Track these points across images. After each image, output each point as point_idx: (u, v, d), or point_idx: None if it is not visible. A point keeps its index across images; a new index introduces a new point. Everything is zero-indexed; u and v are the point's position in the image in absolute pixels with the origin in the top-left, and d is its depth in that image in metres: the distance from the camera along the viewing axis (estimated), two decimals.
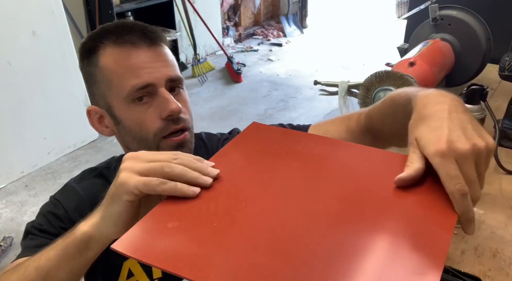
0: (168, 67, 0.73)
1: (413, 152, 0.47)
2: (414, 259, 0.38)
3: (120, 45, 0.71)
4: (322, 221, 0.42)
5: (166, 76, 0.71)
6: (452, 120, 0.46)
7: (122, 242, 0.41)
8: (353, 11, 6.50)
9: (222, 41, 4.70)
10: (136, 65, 0.70)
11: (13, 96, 2.48)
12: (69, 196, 0.77)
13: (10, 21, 2.38)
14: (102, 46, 0.72)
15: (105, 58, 0.71)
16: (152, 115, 0.70)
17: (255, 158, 0.53)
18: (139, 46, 0.71)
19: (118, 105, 0.72)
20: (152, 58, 0.71)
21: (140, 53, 0.70)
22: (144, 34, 0.72)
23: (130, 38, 0.71)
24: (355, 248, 0.39)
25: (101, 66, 0.71)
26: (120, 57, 0.71)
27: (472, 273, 0.78)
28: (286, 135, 0.59)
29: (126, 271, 0.78)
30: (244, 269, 0.37)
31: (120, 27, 0.73)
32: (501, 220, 0.93)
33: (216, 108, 3.57)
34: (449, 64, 1.39)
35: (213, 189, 0.48)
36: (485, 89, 0.90)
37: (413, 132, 0.48)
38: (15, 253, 2.04)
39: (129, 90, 0.69)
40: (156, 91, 0.70)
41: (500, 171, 1.08)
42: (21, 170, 2.64)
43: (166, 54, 0.74)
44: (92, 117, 0.77)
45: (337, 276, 0.36)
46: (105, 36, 0.72)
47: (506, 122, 1.21)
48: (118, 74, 0.70)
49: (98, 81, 0.73)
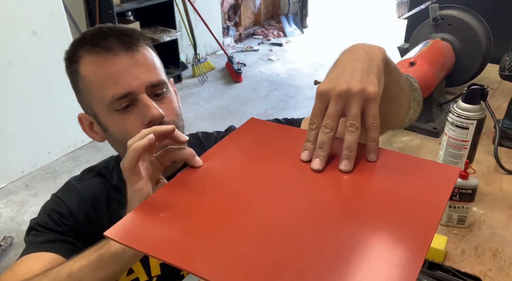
0: (148, 72, 0.71)
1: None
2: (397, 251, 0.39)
3: (96, 52, 0.69)
4: (311, 215, 0.43)
5: (146, 82, 0.70)
6: (344, 67, 0.53)
7: (114, 230, 0.43)
8: (354, 11, 6.50)
9: (222, 41, 4.70)
10: (114, 74, 0.69)
11: (13, 96, 2.48)
12: (71, 194, 0.78)
13: (10, 21, 2.38)
14: (80, 55, 0.71)
15: (84, 68, 0.71)
16: (135, 123, 0.70)
17: (251, 152, 0.54)
18: (116, 53, 0.69)
19: (102, 113, 0.72)
20: (130, 64, 0.69)
21: (117, 60, 0.69)
22: (120, 39, 0.70)
23: (106, 44, 0.69)
24: (340, 240, 0.40)
25: (82, 75, 0.71)
26: (97, 66, 0.69)
27: (472, 273, 0.78)
28: (283, 131, 0.60)
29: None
30: (230, 258, 0.39)
31: (96, 35, 0.71)
32: (502, 220, 0.93)
33: (216, 108, 3.57)
34: (449, 64, 1.39)
35: (206, 181, 0.50)
36: (486, 89, 0.90)
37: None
38: (15, 253, 2.04)
39: (109, 100, 0.69)
40: (137, 98, 0.69)
41: (500, 170, 1.08)
42: (21, 169, 2.64)
43: (146, 58, 0.72)
44: (83, 124, 0.79)
45: (320, 265, 0.37)
46: (82, 45, 0.71)
47: (506, 122, 1.21)
48: (97, 83, 0.70)
49: (81, 90, 0.73)
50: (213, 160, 0.52)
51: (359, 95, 0.50)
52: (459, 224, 0.91)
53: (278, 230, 0.42)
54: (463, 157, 0.93)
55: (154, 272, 0.79)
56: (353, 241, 0.40)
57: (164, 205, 0.46)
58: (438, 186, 0.47)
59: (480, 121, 0.90)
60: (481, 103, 0.91)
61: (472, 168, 0.92)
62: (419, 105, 1.11)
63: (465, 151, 0.92)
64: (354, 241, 0.40)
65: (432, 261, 0.80)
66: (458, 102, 0.92)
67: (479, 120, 0.89)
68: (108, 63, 0.69)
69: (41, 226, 0.73)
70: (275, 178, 0.50)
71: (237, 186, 0.49)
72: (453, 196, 0.88)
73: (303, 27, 5.69)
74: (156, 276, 0.79)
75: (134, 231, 0.42)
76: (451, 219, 0.91)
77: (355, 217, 0.43)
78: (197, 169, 0.52)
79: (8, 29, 2.38)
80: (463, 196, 0.88)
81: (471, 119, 0.89)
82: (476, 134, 0.91)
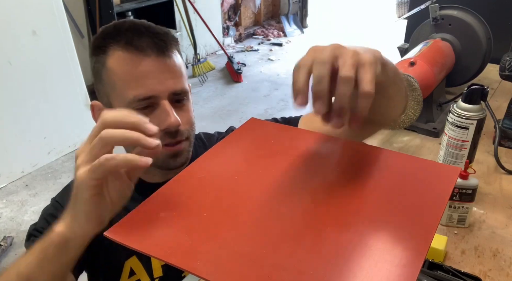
0: (175, 79, 0.71)
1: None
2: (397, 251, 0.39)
3: (128, 50, 0.69)
4: (311, 215, 0.43)
5: (171, 89, 0.70)
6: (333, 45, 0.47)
7: (114, 230, 0.43)
8: (354, 11, 6.50)
9: (222, 41, 4.70)
10: (142, 75, 0.69)
11: (13, 96, 2.48)
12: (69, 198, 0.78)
13: (10, 21, 2.38)
14: (111, 48, 0.70)
15: (112, 61, 0.70)
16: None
17: (251, 152, 0.54)
18: (148, 54, 0.69)
19: (120, 108, 0.71)
20: (159, 68, 0.70)
21: (147, 62, 0.69)
22: (155, 42, 0.70)
23: (140, 44, 0.69)
24: (341, 240, 0.40)
25: (108, 67, 0.71)
26: (127, 63, 0.69)
27: (473, 273, 0.78)
28: (283, 131, 0.60)
29: (128, 270, 0.78)
30: (230, 258, 0.39)
31: (132, 31, 0.71)
32: (502, 220, 0.93)
33: (217, 108, 3.57)
34: (449, 64, 1.39)
35: (206, 181, 0.50)
36: (486, 89, 0.90)
37: None
38: (15, 253, 2.04)
39: (131, 99, 0.69)
40: (159, 102, 0.70)
41: (500, 170, 1.09)
42: (22, 169, 2.64)
43: (174, 65, 0.72)
44: (95, 112, 0.78)
45: (320, 265, 0.37)
46: (116, 38, 0.71)
47: (506, 122, 1.21)
48: (123, 80, 0.70)
49: (103, 80, 0.73)
50: (213, 160, 0.52)
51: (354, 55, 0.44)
52: (459, 224, 0.91)
53: (278, 230, 0.42)
54: (463, 157, 0.93)
55: (156, 274, 0.79)
56: (353, 241, 0.40)
57: (164, 205, 0.46)
58: (438, 186, 0.47)
59: (480, 121, 0.90)
60: (481, 103, 0.91)
61: (472, 168, 0.92)
62: (419, 105, 1.11)
63: (465, 151, 0.92)
64: (354, 241, 0.40)
65: (432, 261, 0.80)
66: (458, 102, 0.92)
67: (479, 120, 0.89)
68: (138, 63, 0.69)
69: (39, 232, 0.73)
70: (275, 178, 0.50)
71: (237, 186, 0.49)
72: (453, 196, 0.88)
73: (303, 27, 5.70)
74: (158, 277, 0.79)
75: (134, 231, 0.43)
76: (451, 219, 0.91)
77: (355, 217, 0.43)
78: (197, 169, 0.52)
79: (8, 29, 2.38)
80: (463, 196, 0.88)
81: (471, 119, 0.89)
82: (476, 134, 0.91)
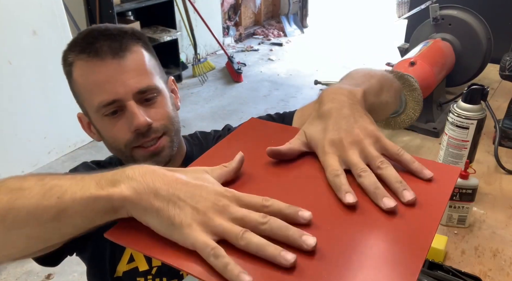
0: (137, 77, 0.70)
1: (298, 138, 0.53)
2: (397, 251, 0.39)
3: (85, 58, 0.69)
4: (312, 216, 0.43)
5: (134, 89, 0.70)
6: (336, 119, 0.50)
7: (114, 230, 0.43)
8: (354, 11, 6.50)
9: (222, 41, 4.70)
10: (101, 80, 0.68)
11: (13, 96, 2.48)
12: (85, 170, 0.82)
13: (10, 20, 2.38)
14: (71, 59, 0.71)
15: (75, 72, 0.71)
16: (122, 128, 0.71)
17: (250, 152, 0.54)
18: (104, 58, 0.68)
19: (94, 117, 0.74)
20: (117, 70, 0.69)
21: (104, 67, 0.68)
22: (107, 44, 0.69)
23: (95, 49, 0.68)
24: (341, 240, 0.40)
25: (74, 79, 0.72)
26: (86, 71, 0.70)
27: (473, 273, 0.78)
28: (283, 131, 0.60)
29: (128, 256, 0.80)
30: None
31: (86, 38, 0.70)
32: (502, 220, 0.93)
33: (217, 108, 3.57)
34: (449, 64, 1.39)
35: None
36: (486, 89, 0.90)
37: (307, 128, 0.53)
38: None
39: (97, 106, 0.70)
40: (124, 105, 0.70)
41: (500, 170, 1.09)
42: (22, 169, 2.64)
43: (135, 62, 0.71)
44: (83, 123, 0.80)
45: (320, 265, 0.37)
46: (73, 49, 0.71)
47: (506, 122, 1.21)
48: (86, 89, 0.71)
49: (75, 93, 0.74)
50: (213, 160, 0.52)
51: (370, 137, 0.48)
52: (459, 224, 0.91)
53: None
54: (463, 157, 0.93)
55: (155, 262, 0.80)
56: (354, 240, 0.40)
57: None
58: (439, 186, 0.47)
59: (480, 121, 0.89)
60: (481, 103, 0.91)
61: (472, 167, 0.92)
62: (419, 105, 1.11)
63: (465, 150, 0.92)
64: (354, 240, 0.40)
65: (432, 261, 0.80)
66: (458, 102, 0.92)
67: (479, 120, 0.89)
68: (95, 69, 0.69)
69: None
70: (274, 177, 0.50)
71: (237, 186, 0.49)
72: (454, 196, 0.89)
73: (303, 27, 5.70)
74: (157, 266, 0.80)
75: (133, 231, 0.42)
76: (451, 219, 0.91)
77: (356, 216, 0.43)
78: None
79: (8, 29, 2.38)
80: (464, 196, 0.88)
81: (471, 119, 0.89)
82: (476, 134, 0.91)
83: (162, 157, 0.75)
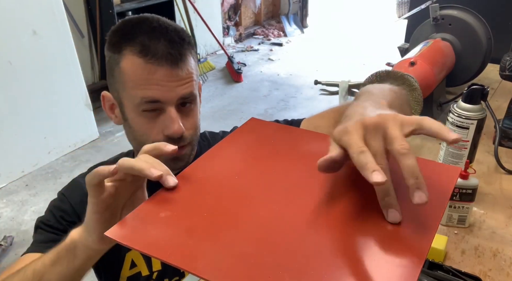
0: (183, 85, 0.72)
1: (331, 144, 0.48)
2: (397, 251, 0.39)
3: (143, 57, 0.69)
4: (311, 215, 0.43)
5: (179, 95, 0.71)
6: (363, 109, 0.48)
7: (114, 229, 0.43)
8: (354, 11, 6.50)
9: (222, 41, 4.70)
10: (152, 81, 0.69)
11: (13, 96, 2.48)
12: (74, 190, 0.80)
13: (11, 20, 2.38)
14: (126, 50, 0.70)
15: (125, 62, 0.71)
16: (156, 128, 0.72)
17: (251, 152, 0.54)
18: (161, 65, 0.69)
19: (129, 107, 0.73)
20: (171, 78, 0.70)
21: (159, 71, 0.69)
22: (170, 52, 0.69)
23: (155, 53, 0.69)
24: (341, 240, 0.40)
25: (121, 67, 0.71)
26: (139, 68, 0.70)
27: (473, 273, 0.78)
28: (284, 131, 0.60)
29: (129, 262, 0.80)
30: (230, 258, 0.39)
31: (148, 35, 0.70)
32: (502, 220, 0.93)
33: (217, 107, 3.57)
34: (449, 64, 1.39)
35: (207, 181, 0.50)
36: (486, 89, 0.90)
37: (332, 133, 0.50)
38: (15, 253, 2.04)
39: (139, 101, 0.70)
40: (165, 108, 0.71)
41: (500, 170, 1.09)
42: (22, 169, 2.65)
43: (187, 72, 0.72)
44: (105, 103, 0.79)
45: (320, 266, 0.37)
46: (132, 41, 0.70)
47: (506, 122, 1.21)
48: (133, 82, 0.70)
49: (115, 77, 0.73)
50: (213, 160, 0.52)
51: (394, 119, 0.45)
52: (459, 224, 0.91)
53: (279, 230, 0.42)
54: (464, 157, 0.93)
55: (155, 267, 0.81)
56: (354, 241, 0.40)
57: (164, 205, 0.46)
58: (439, 186, 0.47)
59: (480, 121, 0.90)
60: (481, 103, 0.91)
61: (473, 167, 0.92)
62: (419, 105, 1.11)
63: (465, 150, 0.92)
64: (354, 240, 0.40)
65: (432, 261, 0.80)
66: (459, 102, 0.92)
67: (479, 120, 0.89)
68: (150, 71, 0.69)
69: (44, 224, 0.75)
70: (275, 178, 0.50)
71: (237, 186, 0.49)
72: (454, 196, 0.89)
73: (303, 27, 5.70)
74: (157, 271, 0.81)
75: (134, 231, 0.43)
76: (451, 219, 0.91)
77: (356, 216, 0.43)
78: (197, 169, 0.52)
79: (8, 29, 2.38)
80: (464, 196, 0.88)
81: (471, 119, 0.89)
82: (477, 134, 0.91)
83: (181, 163, 0.76)
